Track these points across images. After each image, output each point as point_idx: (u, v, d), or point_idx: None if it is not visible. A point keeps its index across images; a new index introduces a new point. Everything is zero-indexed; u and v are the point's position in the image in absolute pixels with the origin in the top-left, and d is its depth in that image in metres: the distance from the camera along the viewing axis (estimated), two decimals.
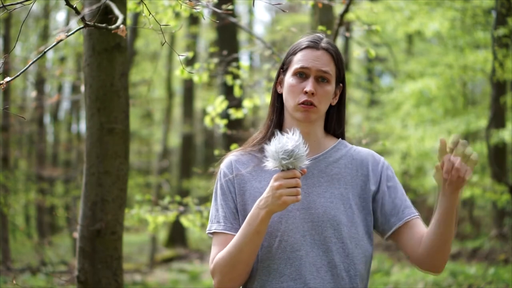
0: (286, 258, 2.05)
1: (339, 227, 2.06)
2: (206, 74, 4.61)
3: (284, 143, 1.94)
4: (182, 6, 2.38)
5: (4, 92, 9.64)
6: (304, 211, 2.07)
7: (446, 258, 2.12)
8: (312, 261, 2.04)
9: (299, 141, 1.95)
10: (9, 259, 8.86)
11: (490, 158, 8.35)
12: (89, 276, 3.18)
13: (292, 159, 1.93)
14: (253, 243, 2.00)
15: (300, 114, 2.09)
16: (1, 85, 2.08)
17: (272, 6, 3.24)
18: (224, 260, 2.03)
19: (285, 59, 2.18)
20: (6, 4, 2.16)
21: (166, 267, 11.92)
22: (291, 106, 2.11)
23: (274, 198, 1.94)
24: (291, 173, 1.93)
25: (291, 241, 2.05)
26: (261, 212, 1.97)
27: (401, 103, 12.86)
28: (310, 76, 2.10)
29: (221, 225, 2.11)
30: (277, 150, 1.94)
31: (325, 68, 2.11)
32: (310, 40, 2.15)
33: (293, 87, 2.10)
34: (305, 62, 2.10)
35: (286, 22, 14.85)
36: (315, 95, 2.08)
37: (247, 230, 1.99)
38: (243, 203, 2.11)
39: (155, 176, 15.20)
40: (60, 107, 19.52)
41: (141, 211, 4.71)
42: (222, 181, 2.15)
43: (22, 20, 12.07)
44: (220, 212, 2.12)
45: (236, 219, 2.11)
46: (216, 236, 2.11)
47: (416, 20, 9.06)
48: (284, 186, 1.92)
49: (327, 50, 2.13)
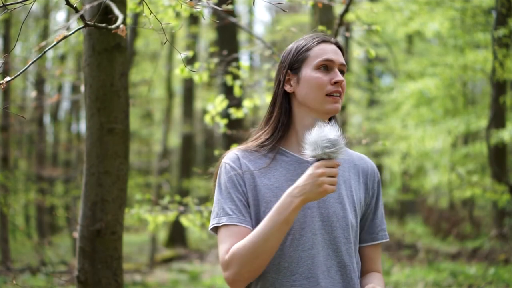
0: (298, 256, 2.03)
1: (347, 228, 2.07)
2: (207, 74, 4.61)
3: (328, 132, 1.94)
4: (183, 6, 2.38)
5: (4, 92, 9.64)
6: (315, 209, 2.06)
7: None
8: (323, 260, 2.04)
9: (340, 133, 1.96)
10: (9, 259, 8.85)
11: (490, 158, 8.35)
12: (89, 276, 3.18)
13: (335, 148, 1.93)
14: (280, 233, 1.95)
15: (330, 105, 2.08)
16: (1, 85, 2.08)
17: (272, 6, 3.25)
18: (247, 250, 1.96)
19: (295, 57, 2.16)
20: (6, 3, 2.15)
21: (166, 267, 11.92)
22: (315, 99, 2.09)
23: (315, 185, 1.91)
24: (332, 162, 1.93)
25: (303, 240, 2.03)
26: (295, 201, 1.93)
27: (401, 103, 12.86)
28: (334, 68, 2.11)
29: (232, 218, 2.03)
30: (320, 138, 1.93)
31: (343, 61, 2.14)
32: (320, 36, 2.17)
33: (319, 80, 2.09)
34: (328, 54, 2.11)
35: (286, 22, 14.85)
36: (341, 86, 2.10)
37: (276, 218, 1.94)
38: (255, 197, 2.06)
39: (155, 176, 15.20)
40: (60, 107, 19.53)
41: (141, 211, 4.71)
42: (230, 174, 2.09)
43: (22, 20, 12.07)
44: (229, 204, 2.06)
45: (248, 212, 2.06)
46: (226, 229, 2.03)
47: (416, 20, 9.07)
48: (327, 174, 1.91)
49: (338, 45, 2.17)
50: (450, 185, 13.13)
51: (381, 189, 2.21)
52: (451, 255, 11.32)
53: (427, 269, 9.39)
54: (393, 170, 19.13)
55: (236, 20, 5.11)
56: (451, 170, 12.07)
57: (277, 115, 2.14)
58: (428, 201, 18.38)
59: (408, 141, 11.97)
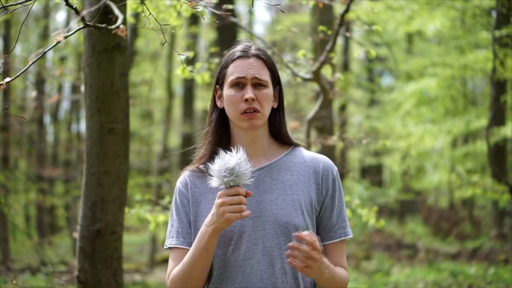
0: (238, 266, 2.09)
1: (290, 234, 2.09)
2: (208, 74, 4.60)
3: (227, 161, 1.99)
4: (183, 6, 2.38)
5: (4, 92, 9.64)
6: (257, 219, 2.10)
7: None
8: (263, 268, 2.08)
9: (241, 159, 1.99)
10: (9, 259, 8.86)
11: (490, 157, 8.35)
12: (89, 276, 3.17)
13: (233, 177, 1.97)
14: (203, 261, 2.05)
15: (245, 122, 2.12)
16: (1, 85, 2.08)
17: (272, 6, 3.24)
18: (177, 277, 2.10)
19: (219, 73, 2.21)
20: (6, 4, 2.15)
21: (166, 267, 11.90)
22: (234, 117, 2.14)
23: (218, 215, 1.98)
24: (233, 191, 1.98)
25: (243, 249, 2.09)
26: (208, 230, 2.02)
27: (402, 103, 12.86)
28: (247, 84, 2.13)
29: (174, 240, 2.15)
30: (219, 168, 1.99)
31: (260, 73, 2.14)
32: (239, 50, 2.18)
33: (233, 98, 2.13)
34: (239, 72, 2.13)
35: (287, 22, 14.85)
36: (255, 101, 2.11)
37: (197, 247, 2.05)
38: (195, 215, 2.15)
39: (155, 176, 15.19)
40: (60, 107, 19.52)
41: (141, 211, 4.71)
42: (176, 196, 2.20)
43: (22, 20, 12.07)
44: (174, 227, 2.17)
45: (189, 233, 2.15)
46: (172, 251, 2.16)
47: (417, 20, 9.06)
48: (227, 203, 1.97)
49: (257, 56, 2.17)
50: (450, 185, 13.12)
51: (340, 186, 2.19)
52: (451, 255, 11.32)
53: (427, 269, 9.39)
54: (393, 170, 19.13)
55: (237, 20, 5.11)
56: (451, 170, 12.07)
57: (213, 130, 2.20)
58: (428, 201, 18.37)
59: (408, 140, 11.96)
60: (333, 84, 5.28)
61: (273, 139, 2.23)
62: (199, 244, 2.04)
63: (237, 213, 1.96)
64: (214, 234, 2.02)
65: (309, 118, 5.05)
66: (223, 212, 1.96)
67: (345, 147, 6.28)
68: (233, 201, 1.96)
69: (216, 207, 1.99)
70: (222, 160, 2.00)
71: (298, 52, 4.53)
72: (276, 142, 2.24)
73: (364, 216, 4.65)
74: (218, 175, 1.99)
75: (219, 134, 2.19)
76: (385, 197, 15.98)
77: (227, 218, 1.96)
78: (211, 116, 2.23)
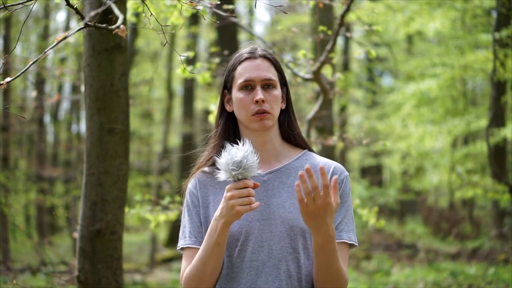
0: (243, 267, 2.11)
1: (295, 238, 2.10)
2: (209, 74, 4.60)
3: (234, 154, 2.00)
4: (183, 6, 2.38)
5: (4, 92, 9.64)
6: (264, 222, 2.12)
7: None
8: (268, 271, 2.09)
9: (248, 151, 2.00)
10: (9, 259, 8.85)
11: (490, 158, 8.35)
12: (89, 276, 3.18)
13: (241, 170, 1.99)
14: (215, 255, 2.06)
15: (257, 124, 2.13)
16: (1, 85, 2.08)
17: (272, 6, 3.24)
18: (192, 275, 2.10)
19: (226, 77, 2.22)
20: (7, 4, 2.15)
21: (166, 267, 11.91)
22: (245, 119, 2.15)
23: (227, 208, 1.99)
24: (242, 183, 1.99)
25: (249, 251, 2.11)
26: (218, 224, 2.03)
27: (402, 104, 12.86)
28: (256, 86, 2.14)
29: (187, 240, 2.17)
30: (227, 161, 2.00)
31: (268, 74, 2.15)
32: (246, 51, 2.19)
33: (243, 101, 2.14)
34: (248, 74, 2.14)
35: (287, 22, 14.83)
36: (265, 102, 2.12)
37: (208, 242, 2.06)
38: (206, 215, 2.18)
39: (155, 176, 15.19)
40: (60, 107, 19.51)
41: (141, 211, 4.71)
42: (187, 197, 2.23)
43: (22, 20, 12.07)
44: (186, 228, 2.19)
45: (200, 232, 2.17)
46: (185, 251, 2.18)
47: (417, 20, 9.06)
48: (236, 196, 1.98)
49: (264, 57, 2.18)
50: (450, 185, 13.13)
51: (349, 192, 2.17)
52: (451, 255, 11.32)
53: (427, 269, 9.39)
54: (393, 170, 19.13)
55: (237, 20, 5.10)
56: (451, 170, 12.07)
57: (219, 133, 2.22)
58: (428, 201, 18.38)
59: (408, 140, 11.96)
60: (333, 84, 5.28)
61: (284, 141, 2.24)
62: (210, 239, 2.05)
63: (247, 206, 1.97)
64: (225, 228, 2.03)
65: (309, 118, 5.05)
66: (232, 205, 1.98)
67: (345, 147, 6.29)
68: (242, 194, 1.98)
69: (225, 200, 2.00)
70: (229, 154, 2.01)
71: (298, 52, 4.53)
72: (288, 144, 2.24)
73: (364, 216, 4.66)
74: (226, 169, 2.00)
75: (226, 137, 2.21)
76: (385, 197, 15.99)
77: (237, 211, 1.98)
78: (218, 119, 2.24)
